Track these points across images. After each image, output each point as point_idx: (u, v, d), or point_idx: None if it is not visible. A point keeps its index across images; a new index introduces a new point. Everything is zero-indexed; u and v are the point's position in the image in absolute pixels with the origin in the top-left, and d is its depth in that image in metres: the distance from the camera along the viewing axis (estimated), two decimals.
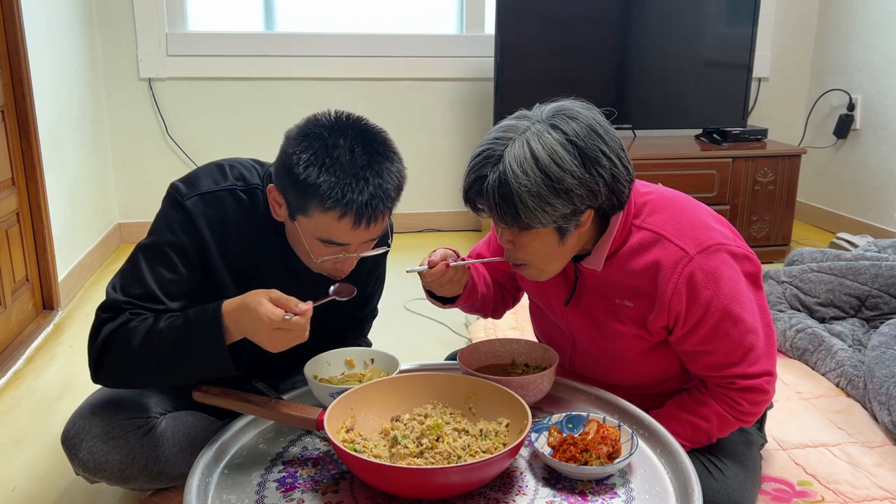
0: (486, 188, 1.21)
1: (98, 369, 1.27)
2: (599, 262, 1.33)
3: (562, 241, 1.27)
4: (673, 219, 1.31)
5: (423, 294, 1.47)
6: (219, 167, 1.38)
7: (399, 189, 1.27)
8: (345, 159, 1.19)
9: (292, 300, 1.17)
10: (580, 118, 1.23)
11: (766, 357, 1.32)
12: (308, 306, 1.17)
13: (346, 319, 1.60)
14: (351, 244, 1.26)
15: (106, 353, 1.25)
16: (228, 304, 1.21)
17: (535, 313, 1.57)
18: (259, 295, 1.17)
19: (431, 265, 1.36)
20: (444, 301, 1.49)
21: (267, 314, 1.14)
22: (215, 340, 1.20)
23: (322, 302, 1.22)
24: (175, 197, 1.33)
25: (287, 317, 1.14)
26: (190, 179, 1.36)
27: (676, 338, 1.32)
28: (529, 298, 1.57)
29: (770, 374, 1.33)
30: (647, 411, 1.38)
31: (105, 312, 1.28)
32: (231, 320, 1.20)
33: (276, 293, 1.18)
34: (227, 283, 1.36)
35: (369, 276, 1.56)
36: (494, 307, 1.60)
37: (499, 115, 3.33)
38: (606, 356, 1.41)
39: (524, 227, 1.23)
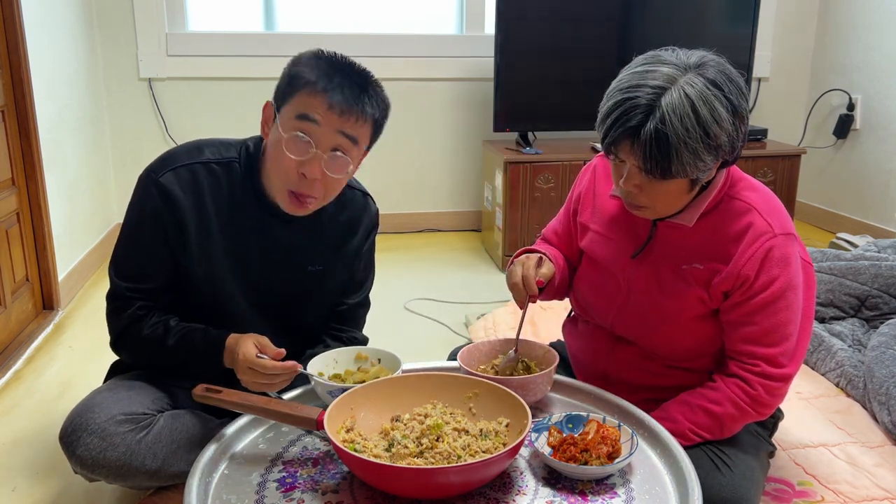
0: (642, 138, 1.21)
1: (117, 353, 1.50)
2: (692, 219, 1.36)
3: (691, 189, 1.31)
4: (764, 199, 1.37)
5: (422, 294, 1.48)
6: (193, 145, 1.45)
7: (385, 111, 1.37)
8: (336, 67, 1.31)
9: (271, 348, 1.32)
10: (727, 72, 1.26)
11: (796, 354, 1.36)
12: (283, 358, 1.31)
13: (337, 307, 1.61)
14: (321, 126, 1.29)
15: (122, 348, 1.47)
16: (228, 342, 1.37)
17: (587, 271, 1.55)
18: (246, 340, 1.33)
19: (539, 284, 1.39)
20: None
21: (243, 353, 1.30)
22: (213, 367, 1.38)
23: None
24: (150, 176, 1.39)
25: (260, 356, 1.30)
26: (163, 158, 1.42)
27: (730, 304, 1.35)
28: (584, 257, 1.56)
29: (794, 367, 1.36)
30: (662, 400, 1.40)
31: (113, 301, 1.44)
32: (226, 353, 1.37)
33: (262, 340, 1.33)
34: (209, 251, 1.41)
35: (359, 260, 1.59)
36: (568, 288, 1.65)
37: (499, 115, 3.35)
38: (657, 315, 1.41)
39: (664, 178, 1.24)
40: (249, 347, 1.30)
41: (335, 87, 1.28)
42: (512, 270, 1.41)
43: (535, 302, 1.42)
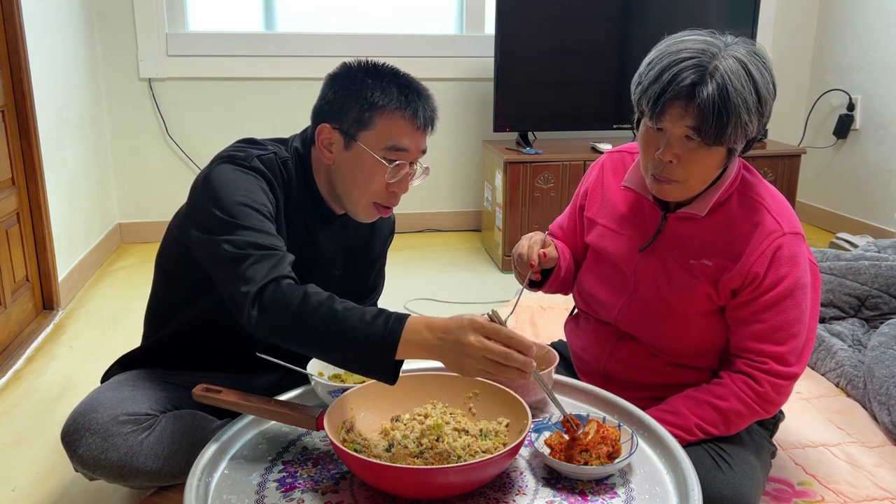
0: (703, 97, 1.21)
1: (261, 311, 1.13)
2: (705, 208, 1.37)
3: (724, 163, 1.32)
4: (773, 198, 1.39)
5: (422, 294, 1.48)
6: (250, 142, 1.41)
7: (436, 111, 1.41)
8: (394, 82, 1.34)
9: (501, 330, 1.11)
10: (760, 49, 1.29)
11: (802, 353, 1.37)
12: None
13: None
14: (411, 150, 1.35)
15: (275, 297, 1.13)
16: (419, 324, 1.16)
17: (593, 265, 1.55)
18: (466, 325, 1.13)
19: (542, 257, 1.44)
20: (534, 284, 1.57)
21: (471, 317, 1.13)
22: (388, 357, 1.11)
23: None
24: (238, 163, 1.32)
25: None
26: (235, 151, 1.35)
27: (738, 302, 1.36)
28: (590, 252, 1.57)
29: (800, 366, 1.36)
30: (664, 399, 1.40)
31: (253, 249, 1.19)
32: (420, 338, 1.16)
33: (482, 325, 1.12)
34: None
35: (373, 266, 1.60)
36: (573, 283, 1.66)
37: (499, 115, 3.35)
38: (665, 309, 1.41)
39: (716, 143, 1.25)
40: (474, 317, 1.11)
41: (414, 110, 1.33)
42: (519, 243, 1.48)
43: (536, 276, 1.46)
